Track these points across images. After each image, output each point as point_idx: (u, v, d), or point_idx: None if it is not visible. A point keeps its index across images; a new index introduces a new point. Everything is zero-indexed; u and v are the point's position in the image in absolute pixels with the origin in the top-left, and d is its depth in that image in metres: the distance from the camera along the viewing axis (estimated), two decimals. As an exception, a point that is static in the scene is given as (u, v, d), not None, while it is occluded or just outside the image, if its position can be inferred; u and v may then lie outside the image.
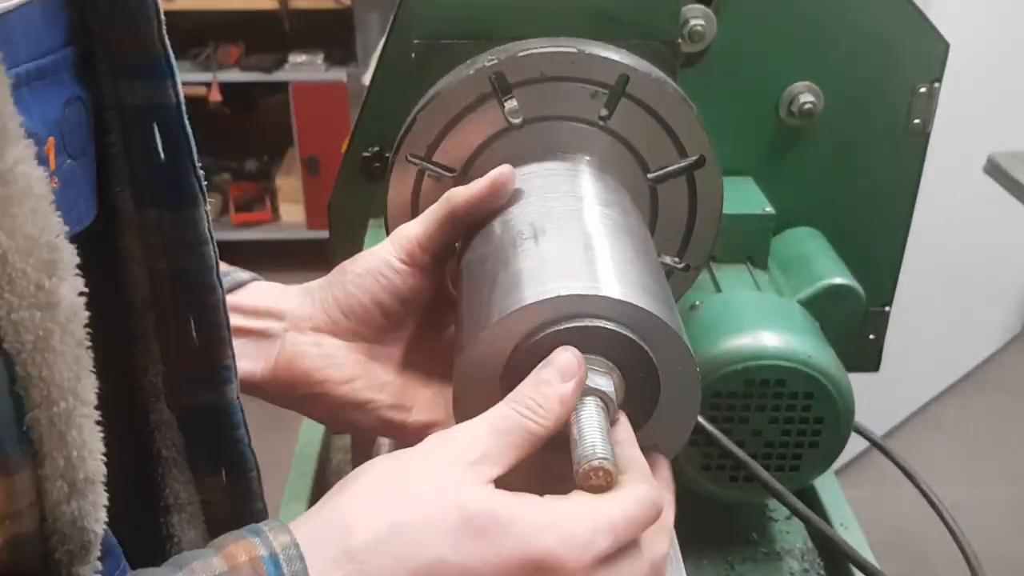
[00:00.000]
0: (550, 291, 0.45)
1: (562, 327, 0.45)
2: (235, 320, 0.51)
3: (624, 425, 0.46)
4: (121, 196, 0.42)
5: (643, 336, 0.45)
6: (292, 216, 3.06)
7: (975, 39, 1.74)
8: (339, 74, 2.79)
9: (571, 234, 0.50)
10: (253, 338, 0.55)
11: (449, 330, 0.58)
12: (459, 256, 0.56)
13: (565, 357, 0.44)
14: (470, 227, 0.56)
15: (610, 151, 0.59)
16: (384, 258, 0.54)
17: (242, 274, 0.57)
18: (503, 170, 0.54)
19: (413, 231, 0.55)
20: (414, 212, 0.60)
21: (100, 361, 0.32)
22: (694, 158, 0.59)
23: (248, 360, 0.54)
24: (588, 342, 0.45)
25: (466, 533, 0.38)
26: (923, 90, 0.82)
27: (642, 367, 0.46)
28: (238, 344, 0.49)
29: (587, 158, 0.58)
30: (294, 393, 0.55)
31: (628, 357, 0.45)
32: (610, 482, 0.41)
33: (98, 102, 0.40)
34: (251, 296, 0.56)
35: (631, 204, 0.57)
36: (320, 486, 0.94)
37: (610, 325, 0.45)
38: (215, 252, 0.45)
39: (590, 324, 0.45)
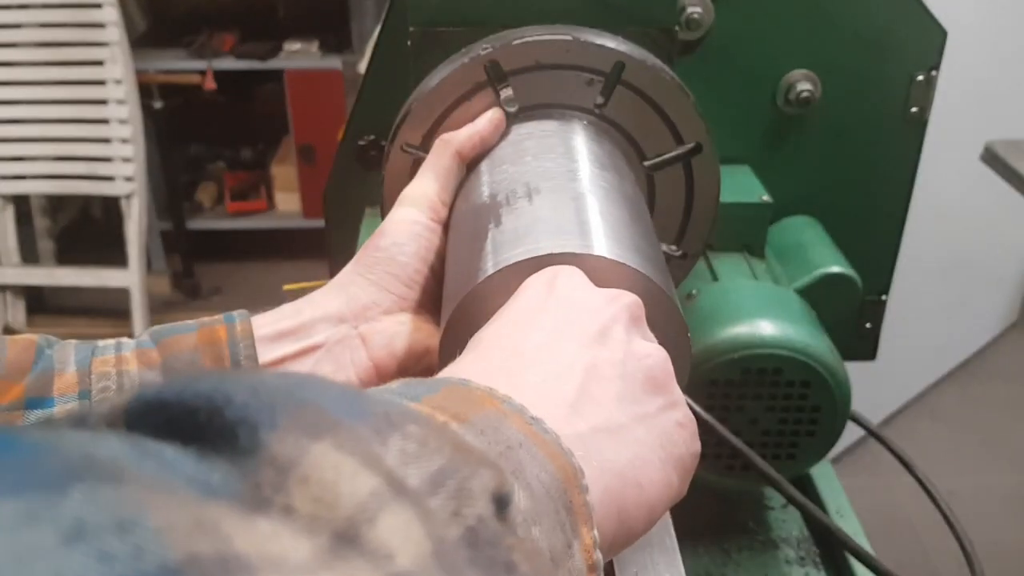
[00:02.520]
0: (543, 248, 0.45)
1: None
2: (284, 348, 0.50)
3: None
4: None
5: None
6: (288, 205, 3.06)
7: (973, 27, 1.74)
8: (334, 62, 2.78)
9: (566, 194, 0.50)
10: (319, 353, 0.51)
11: None
12: (450, 207, 0.56)
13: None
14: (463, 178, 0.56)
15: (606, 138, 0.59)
16: (417, 221, 0.53)
17: (232, 314, 0.52)
18: (497, 110, 0.57)
19: (430, 188, 0.54)
20: None
21: None
22: (690, 146, 0.59)
23: (342, 375, 0.51)
24: None
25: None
26: (920, 78, 0.82)
27: None
28: (311, 368, 0.48)
29: (584, 121, 0.58)
30: (407, 375, 0.54)
31: None
32: None
33: None
34: (276, 320, 0.51)
35: (626, 167, 0.57)
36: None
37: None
38: None
39: None
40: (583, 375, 0.37)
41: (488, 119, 0.57)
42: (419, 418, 0.27)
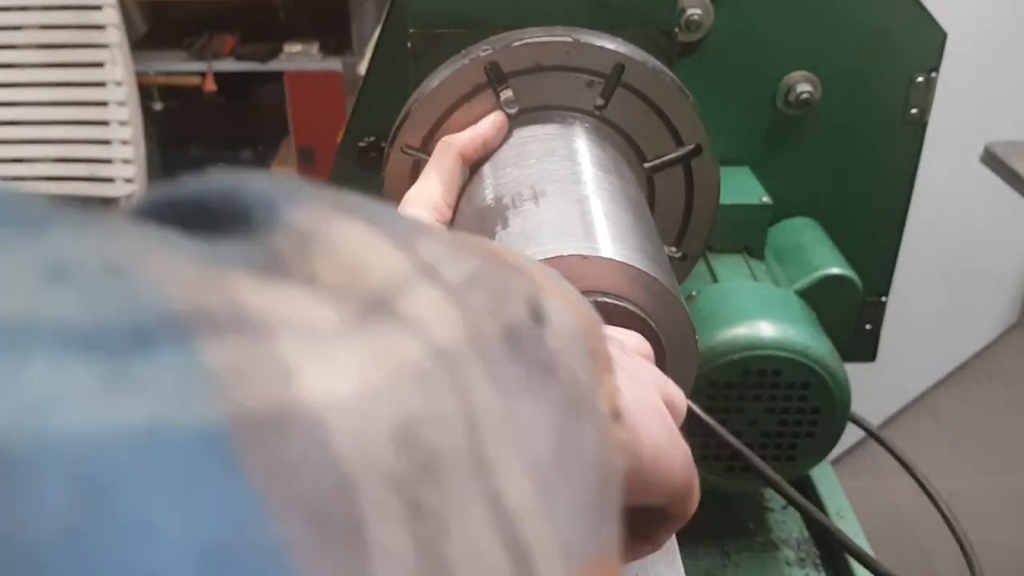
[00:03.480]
0: (551, 250, 0.45)
1: None
2: None
3: None
4: None
5: (642, 301, 0.45)
6: (288, 206, 3.05)
7: (972, 28, 1.74)
8: (335, 64, 2.78)
9: (571, 197, 0.50)
10: None
11: None
12: (453, 210, 0.56)
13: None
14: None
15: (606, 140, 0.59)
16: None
17: None
18: (499, 113, 0.57)
19: (434, 190, 0.54)
20: None
21: None
22: (690, 147, 0.59)
23: None
24: None
25: None
26: (920, 79, 0.82)
27: (646, 339, 0.46)
28: None
29: (586, 124, 0.58)
30: None
31: (629, 325, 0.45)
32: None
33: None
34: None
35: (628, 170, 0.57)
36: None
37: (608, 299, 0.45)
38: None
39: (589, 300, 0.45)
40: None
41: (491, 122, 0.57)
42: (445, 234, 0.25)
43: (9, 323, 0.14)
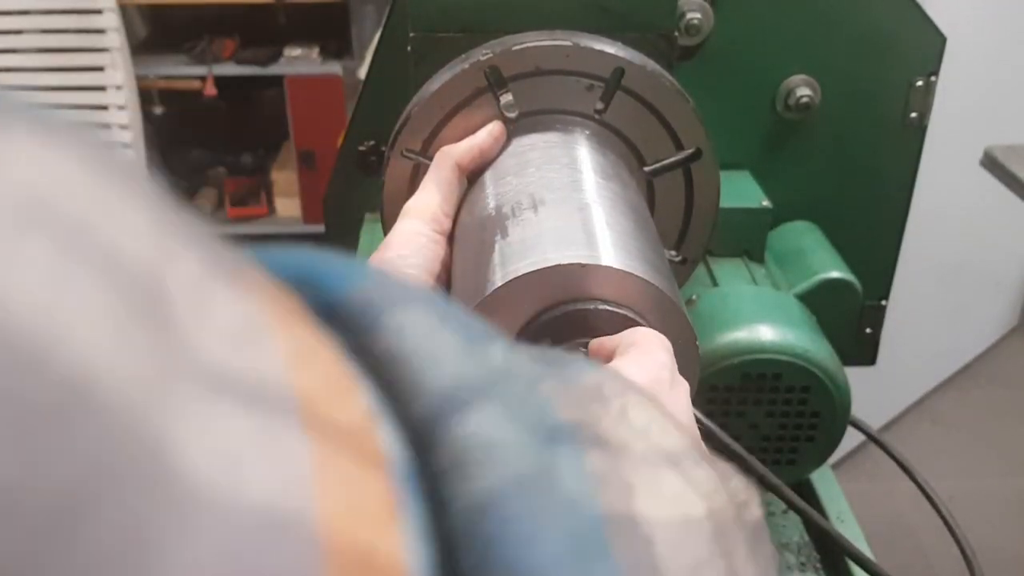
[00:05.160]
0: (551, 260, 0.45)
1: (560, 311, 0.45)
2: None
3: None
4: None
5: (643, 308, 0.45)
6: (288, 210, 3.05)
7: (972, 32, 1.74)
8: (335, 68, 2.78)
9: (571, 205, 0.50)
10: None
11: None
12: (453, 220, 0.56)
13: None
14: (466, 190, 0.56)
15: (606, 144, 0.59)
16: (421, 232, 0.53)
17: None
18: (497, 123, 0.58)
19: (432, 200, 0.54)
20: None
21: None
22: (690, 151, 0.59)
23: None
24: (586, 323, 0.45)
25: None
26: (920, 83, 0.82)
27: None
28: None
29: (586, 132, 0.58)
30: None
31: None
32: None
33: None
34: None
35: (629, 177, 0.57)
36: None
37: (609, 307, 0.45)
38: None
39: (587, 307, 0.45)
40: None
41: (488, 131, 0.57)
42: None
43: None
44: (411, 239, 0.53)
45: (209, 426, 0.15)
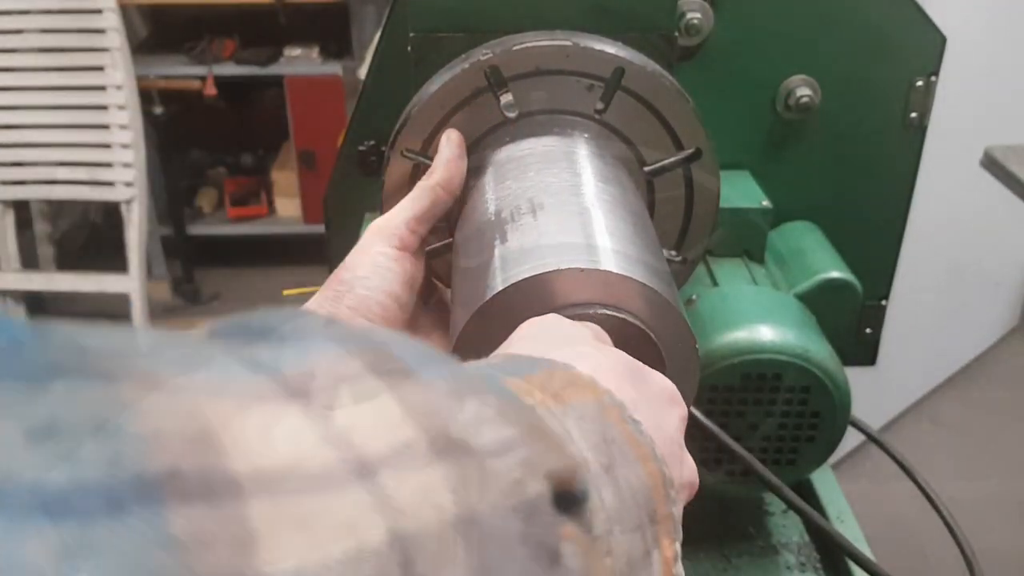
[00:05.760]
0: (549, 264, 0.45)
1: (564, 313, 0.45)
2: None
3: None
4: None
5: (642, 312, 0.45)
6: (288, 210, 3.06)
7: (972, 32, 1.74)
8: (335, 68, 2.79)
9: (570, 209, 0.50)
10: None
11: (431, 301, 0.59)
12: (453, 231, 0.56)
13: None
14: (461, 202, 0.56)
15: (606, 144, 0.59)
16: (381, 252, 0.53)
17: None
18: (452, 131, 0.57)
19: (398, 216, 0.54)
20: None
21: None
22: (690, 151, 0.59)
23: None
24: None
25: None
26: (920, 84, 0.82)
27: (646, 351, 0.46)
28: None
29: (585, 135, 0.58)
30: None
31: (629, 336, 0.45)
32: None
33: None
34: None
35: (629, 180, 0.57)
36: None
37: (608, 312, 0.45)
38: None
39: (587, 312, 0.45)
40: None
41: (445, 141, 0.56)
42: (504, 392, 0.27)
43: None
44: (368, 259, 0.53)
45: None
